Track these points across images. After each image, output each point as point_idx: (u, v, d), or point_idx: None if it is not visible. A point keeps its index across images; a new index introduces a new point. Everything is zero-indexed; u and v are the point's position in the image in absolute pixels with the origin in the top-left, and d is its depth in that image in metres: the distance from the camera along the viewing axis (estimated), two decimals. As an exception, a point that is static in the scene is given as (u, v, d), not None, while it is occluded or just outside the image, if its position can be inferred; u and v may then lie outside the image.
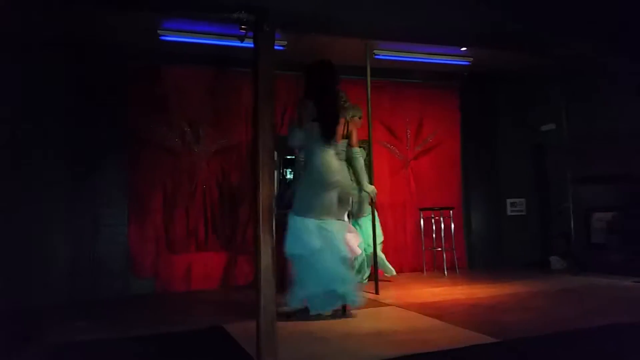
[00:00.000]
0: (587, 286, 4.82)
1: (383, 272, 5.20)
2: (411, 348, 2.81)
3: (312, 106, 3.69)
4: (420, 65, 5.79)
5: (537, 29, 3.73)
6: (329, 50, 5.17)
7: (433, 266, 5.93)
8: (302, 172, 3.99)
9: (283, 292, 3.60)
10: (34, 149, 4.59)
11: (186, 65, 5.21)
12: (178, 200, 5.14)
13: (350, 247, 3.78)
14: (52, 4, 3.77)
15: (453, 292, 4.63)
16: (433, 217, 5.83)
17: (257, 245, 2.55)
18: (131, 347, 3.07)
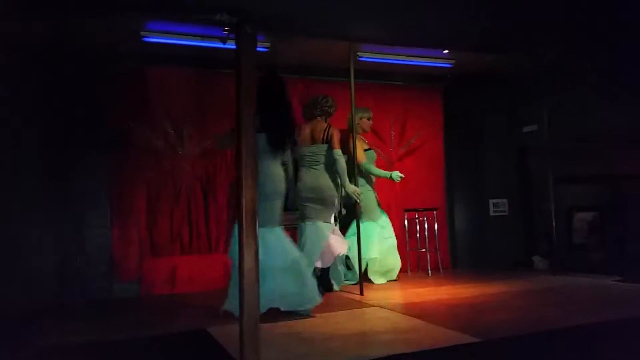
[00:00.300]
0: (569, 286, 4.88)
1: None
2: (395, 348, 2.82)
3: (257, 118, 3.77)
4: (404, 67, 5.83)
5: (516, 32, 3.79)
6: (313, 51, 5.21)
7: (417, 267, 5.97)
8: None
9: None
10: (15, 151, 4.52)
11: (169, 66, 5.19)
12: (162, 202, 5.11)
13: (330, 249, 4.00)
14: (33, 7, 3.72)
15: (437, 293, 4.67)
16: (417, 218, 5.88)
17: (240, 248, 2.55)
18: (114, 351, 3.05)
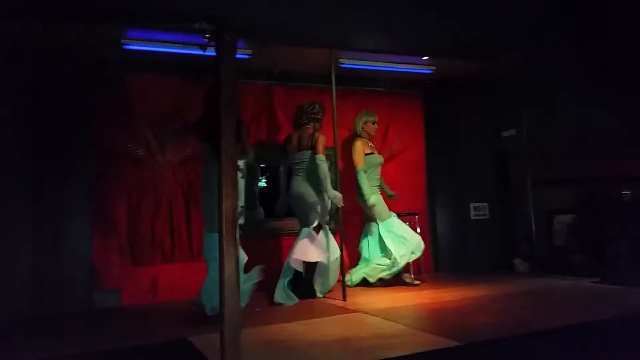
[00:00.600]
0: (548, 288, 4.96)
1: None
2: (376, 354, 2.84)
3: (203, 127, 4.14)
4: (385, 73, 5.88)
5: (492, 38, 3.85)
6: (295, 58, 5.23)
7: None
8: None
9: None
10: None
11: (150, 74, 5.15)
12: (143, 211, 5.06)
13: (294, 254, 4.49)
14: (11, 15, 3.68)
15: (419, 297, 4.70)
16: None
17: (221, 256, 2.55)
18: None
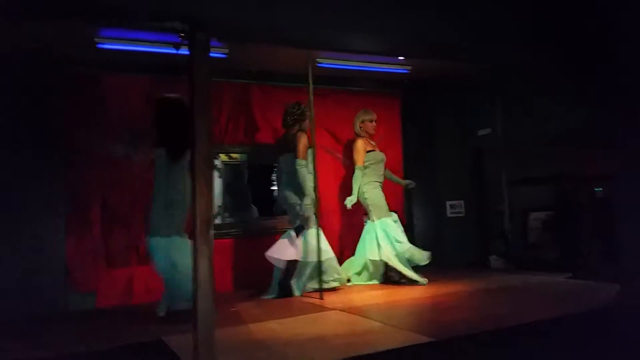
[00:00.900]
0: (523, 284, 5.04)
1: None
2: (351, 351, 2.87)
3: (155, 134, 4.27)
4: (362, 73, 5.91)
5: (466, 39, 3.90)
6: (272, 57, 5.22)
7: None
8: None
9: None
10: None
11: (125, 73, 5.07)
12: (118, 211, 4.99)
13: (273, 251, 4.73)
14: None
15: (395, 294, 4.74)
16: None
17: (195, 257, 2.54)
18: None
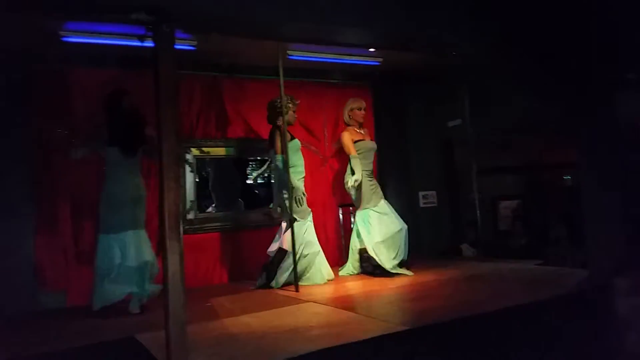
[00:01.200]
0: (494, 271, 5.14)
1: None
2: (325, 342, 2.88)
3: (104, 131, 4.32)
4: (334, 65, 5.91)
5: (435, 31, 3.94)
6: (243, 49, 5.17)
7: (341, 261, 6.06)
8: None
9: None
10: None
11: (92, 67, 4.97)
12: (87, 209, 4.88)
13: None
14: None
15: (370, 284, 4.78)
16: (352, 213, 5.98)
17: (164, 252, 2.51)
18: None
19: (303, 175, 5.20)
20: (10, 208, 4.61)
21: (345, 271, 5.46)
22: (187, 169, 5.48)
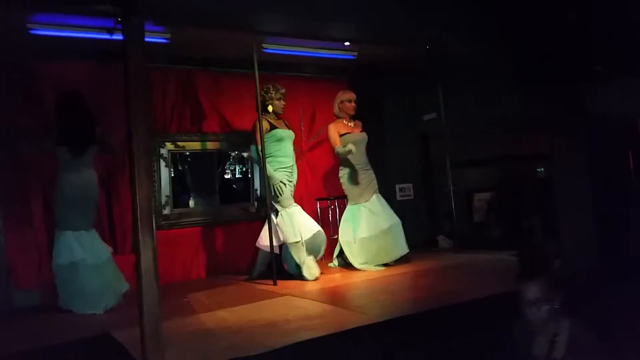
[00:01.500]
0: (469, 262, 5.21)
1: None
2: (302, 335, 2.89)
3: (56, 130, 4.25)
4: (310, 59, 5.88)
5: (411, 25, 3.95)
6: (217, 43, 5.11)
7: (331, 254, 6.08)
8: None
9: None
10: None
11: (62, 61, 4.84)
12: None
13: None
14: None
15: (347, 277, 4.81)
16: (330, 207, 5.99)
17: (137, 248, 2.47)
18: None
19: (286, 165, 5.08)
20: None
21: (333, 263, 5.50)
22: (162, 164, 5.41)
